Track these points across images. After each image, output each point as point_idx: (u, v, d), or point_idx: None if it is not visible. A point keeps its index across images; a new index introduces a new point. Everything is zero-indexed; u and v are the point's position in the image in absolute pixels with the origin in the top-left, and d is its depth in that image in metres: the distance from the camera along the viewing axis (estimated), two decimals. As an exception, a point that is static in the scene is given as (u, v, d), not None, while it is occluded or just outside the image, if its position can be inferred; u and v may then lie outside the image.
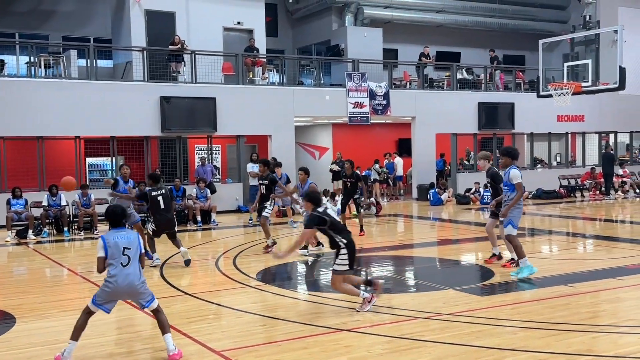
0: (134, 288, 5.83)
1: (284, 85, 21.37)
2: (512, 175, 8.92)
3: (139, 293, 5.91)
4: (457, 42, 28.75)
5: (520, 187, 8.88)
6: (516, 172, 8.94)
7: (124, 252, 5.78)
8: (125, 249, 5.78)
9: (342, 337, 6.42)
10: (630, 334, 6.36)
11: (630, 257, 10.73)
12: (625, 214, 18.76)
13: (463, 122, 23.70)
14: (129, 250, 5.79)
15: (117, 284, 5.77)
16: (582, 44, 18.88)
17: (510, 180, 8.93)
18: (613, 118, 26.36)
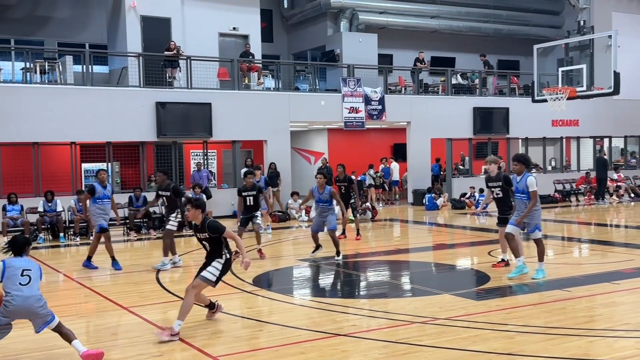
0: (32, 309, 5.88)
1: (280, 90, 21.41)
2: (529, 182, 8.97)
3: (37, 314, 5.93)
4: (451, 47, 28.85)
5: (535, 195, 8.95)
6: (533, 180, 9.00)
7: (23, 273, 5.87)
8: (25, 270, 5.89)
9: (339, 342, 6.42)
10: (625, 338, 6.38)
11: (626, 262, 10.77)
12: (620, 219, 18.82)
13: (458, 127, 23.77)
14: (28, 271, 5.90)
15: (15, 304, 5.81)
16: (576, 49, 18.97)
17: (527, 187, 8.97)
18: (607, 123, 26.47)
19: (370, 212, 18.93)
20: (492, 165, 10.06)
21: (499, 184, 9.95)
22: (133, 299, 8.75)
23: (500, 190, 9.95)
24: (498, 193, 10.02)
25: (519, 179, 9.15)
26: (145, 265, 11.65)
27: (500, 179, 9.96)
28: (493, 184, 10.06)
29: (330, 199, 11.39)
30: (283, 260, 12.23)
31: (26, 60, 18.17)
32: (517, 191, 9.20)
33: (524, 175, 9.07)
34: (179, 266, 11.24)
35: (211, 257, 7.12)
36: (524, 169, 9.17)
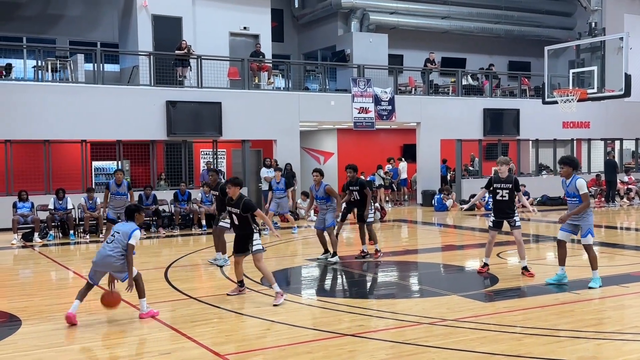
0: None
1: (290, 90, 21.43)
2: (579, 184, 8.63)
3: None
4: (462, 48, 28.79)
5: (587, 197, 8.63)
6: (582, 182, 8.68)
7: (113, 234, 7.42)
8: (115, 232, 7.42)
9: (346, 342, 6.43)
10: (634, 341, 6.35)
11: (635, 265, 10.72)
12: (630, 221, 18.71)
13: (468, 128, 23.71)
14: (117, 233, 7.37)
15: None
16: (587, 51, 18.88)
17: (578, 190, 8.65)
18: (618, 125, 26.33)
19: (379, 213, 18.91)
20: (503, 166, 9.80)
21: (509, 186, 9.69)
22: (142, 297, 8.77)
23: (508, 192, 9.70)
24: (504, 195, 9.71)
25: (568, 182, 8.79)
26: (154, 263, 11.70)
27: (510, 180, 9.72)
28: (501, 185, 9.76)
29: (326, 196, 11.32)
30: (291, 259, 12.25)
31: (38, 58, 18.29)
32: (568, 195, 8.83)
33: (573, 178, 8.74)
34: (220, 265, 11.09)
35: (242, 229, 8.30)
36: (571, 172, 8.79)
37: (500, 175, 9.80)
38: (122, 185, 13.37)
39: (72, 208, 15.84)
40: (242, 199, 8.23)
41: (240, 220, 8.28)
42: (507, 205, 9.74)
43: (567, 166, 8.83)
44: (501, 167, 9.81)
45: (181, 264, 11.64)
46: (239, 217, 8.24)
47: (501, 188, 9.72)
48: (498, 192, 9.74)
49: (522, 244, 9.78)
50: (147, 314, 7.44)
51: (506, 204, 9.73)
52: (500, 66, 28.34)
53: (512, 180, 9.69)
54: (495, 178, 9.88)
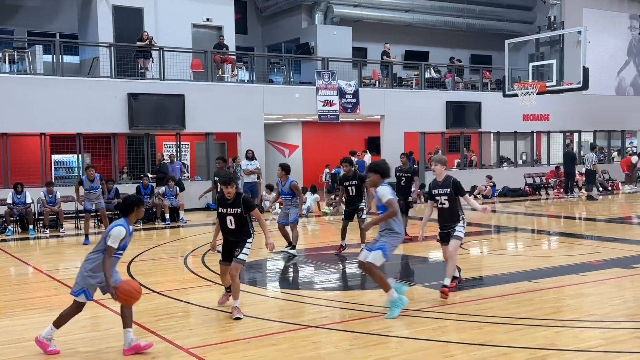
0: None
1: (254, 82, 21.34)
2: (381, 193, 7.13)
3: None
4: (425, 41, 29.04)
5: (392, 204, 7.06)
6: (385, 189, 7.17)
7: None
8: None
9: (310, 333, 6.46)
10: (591, 329, 6.52)
11: (593, 254, 10.99)
12: (589, 211, 19.16)
13: (431, 120, 23.95)
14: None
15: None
16: (547, 45, 19.22)
17: (380, 199, 7.14)
18: (577, 117, 26.90)
19: (344, 205, 18.97)
20: (437, 165, 8.02)
21: (446, 190, 7.90)
22: (104, 292, 8.67)
23: (447, 198, 7.91)
24: (444, 202, 7.93)
25: (374, 191, 7.39)
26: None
27: (448, 184, 7.94)
28: (439, 191, 7.97)
29: (291, 191, 11.32)
30: (256, 252, 12.21)
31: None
32: (378, 208, 7.33)
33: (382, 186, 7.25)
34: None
35: (238, 234, 7.19)
36: (379, 180, 7.28)
37: (436, 178, 8.10)
38: (96, 180, 13.69)
39: (31, 202, 15.53)
40: (241, 196, 7.20)
41: (238, 222, 7.17)
42: (450, 214, 7.92)
43: (374, 173, 7.31)
44: (435, 167, 8.08)
45: (144, 258, 11.52)
46: (238, 218, 7.16)
47: (439, 194, 7.98)
48: (437, 200, 8.01)
49: (454, 259, 7.93)
50: (130, 350, 5.91)
51: (449, 213, 7.92)
52: (463, 59, 28.65)
53: (450, 184, 7.91)
54: (433, 183, 8.13)
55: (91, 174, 13.65)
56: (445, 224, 8.09)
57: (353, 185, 11.27)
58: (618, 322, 6.72)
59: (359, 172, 11.63)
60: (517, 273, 9.41)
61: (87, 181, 13.62)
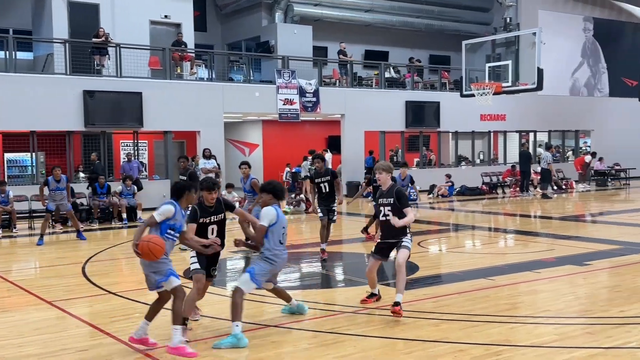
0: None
1: (213, 80, 21.16)
2: (261, 215, 6.48)
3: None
4: (385, 41, 29.23)
5: (258, 232, 6.42)
6: (266, 213, 6.43)
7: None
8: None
9: (269, 332, 6.45)
10: (545, 325, 6.66)
11: (547, 251, 11.23)
12: (544, 210, 19.57)
13: (391, 120, 24.14)
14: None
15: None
16: (503, 46, 19.59)
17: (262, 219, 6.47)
18: (532, 118, 27.46)
19: (304, 204, 19.00)
20: (382, 174, 7.13)
21: (390, 201, 7.02)
22: (57, 293, 8.49)
23: (390, 210, 7.02)
24: (387, 214, 7.04)
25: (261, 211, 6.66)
26: (72, 258, 11.33)
27: (391, 194, 7.04)
28: (383, 201, 7.11)
29: (252, 189, 11.26)
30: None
31: (-57, 44, 17.29)
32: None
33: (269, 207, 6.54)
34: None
35: (223, 242, 6.53)
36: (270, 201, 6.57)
37: (381, 187, 7.21)
38: (62, 181, 13.59)
39: (-18, 202, 15.09)
40: (220, 200, 6.56)
41: (221, 230, 6.59)
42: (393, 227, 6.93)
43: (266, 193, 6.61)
44: (379, 176, 7.17)
45: (100, 258, 11.33)
46: (221, 226, 6.60)
47: (383, 204, 7.11)
48: (381, 210, 7.16)
49: (404, 272, 6.92)
50: (175, 349, 5.72)
51: (391, 225, 6.95)
52: (422, 60, 28.94)
53: (394, 193, 7.03)
54: (379, 191, 7.32)
55: (57, 174, 13.50)
56: (388, 237, 7.10)
57: (325, 181, 10.75)
58: (570, 318, 6.88)
59: (331, 168, 11.17)
60: (474, 270, 9.56)
61: (53, 182, 13.47)
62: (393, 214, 6.95)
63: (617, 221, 15.36)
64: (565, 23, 29.18)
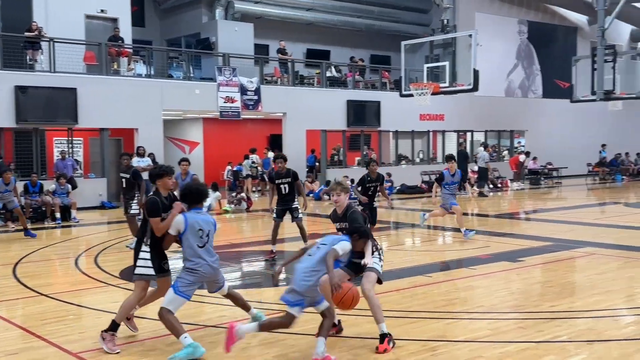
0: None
1: (152, 77, 20.76)
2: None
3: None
4: (326, 40, 29.33)
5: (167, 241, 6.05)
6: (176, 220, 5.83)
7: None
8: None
9: (207, 333, 6.37)
10: (480, 320, 6.82)
11: (482, 248, 11.51)
12: (480, 208, 20.05)
13: (333, 119, 24.26)
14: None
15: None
16: (441, 47, 19.98)
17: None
18: (470, 118, 28.11)
19: (245, 203, 18.88)
20: (341, 195, 6.26)
21: (345, 225, 6.15)
22: (-14, 296, 8.17)
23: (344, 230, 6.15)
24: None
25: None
26: (2, 259, 10.91)
27: (344, 218, 6.17)
28: (340, 225, 6.25)
29: None
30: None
31: None
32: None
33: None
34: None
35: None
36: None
37: (337, 210, 6.32)
38: (11, 183, 13.69)
39: None
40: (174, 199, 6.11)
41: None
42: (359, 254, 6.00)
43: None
44: (337, 198, 6.26)
45: (32, 259, 10.95)
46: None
47: (341, 229, 6.23)
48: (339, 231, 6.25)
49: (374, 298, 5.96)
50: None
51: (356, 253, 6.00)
52: (363, 59, 29.19)
53: (350, 218, 6.11)
54: (332, 214, 6.40)
55: (7, 177, 13.63)
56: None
57: (286, 183, 10.43)
58: (504, 313, 7.07)
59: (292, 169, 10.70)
60: (412, 268, 9.70)
61: (2, 184, 13.58)
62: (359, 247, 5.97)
63: (550, 219, 15.86)
64: (501, 26, 29.98)
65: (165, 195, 6.03)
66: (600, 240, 11.99)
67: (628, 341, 6.00)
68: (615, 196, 22.63)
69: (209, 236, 5.87)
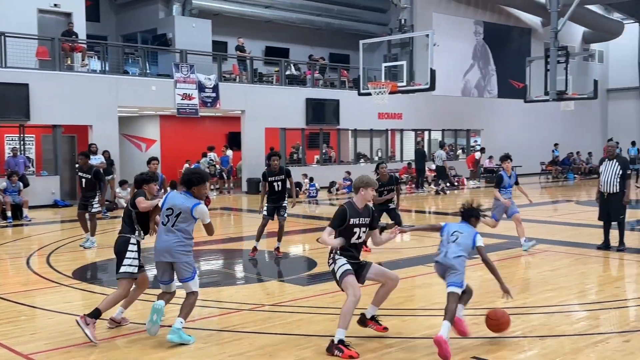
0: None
1: (107, 73, 20.37)
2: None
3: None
4: (285, 38, 29.22)
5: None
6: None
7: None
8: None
9: (162, 332, 6.26)
10: (437, 316, 6.86)
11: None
12: (437, 206, 20.32)
13: (292, 117, 24.22)
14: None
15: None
16: (399, 46, 20.13)
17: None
18: (427, 117, 28.43)
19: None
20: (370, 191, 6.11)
21: (367, 221, 6.13)
22: None
23: (365, 231, 6.18)
24: (361, 236, 6.14)
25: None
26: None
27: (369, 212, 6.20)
28: (359, 221, 6.07)
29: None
30: (107, 251, 11.67)
31: None
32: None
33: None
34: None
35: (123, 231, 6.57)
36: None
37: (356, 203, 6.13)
38: None
39: None
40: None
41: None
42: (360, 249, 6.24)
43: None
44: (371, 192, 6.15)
45: (-19, 259, 10.63)
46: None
47: (359, 225, 6.04)
48: (355, 232, 6.06)
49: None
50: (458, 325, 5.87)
51: (360, 248, 6.29)
52: (322, 58, 29.23)
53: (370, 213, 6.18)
54: (351, 210, 6.05)
55: None
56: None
57: (279, 180, 10.45)
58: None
59: (286, 168, 10.82)
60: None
61: None
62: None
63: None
64: (458, 26, 30.39)
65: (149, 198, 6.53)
66: (552, 238, 12.27)
67: (579, 336, 6.14)
68: (567, 194, 23.19)
69: (178, 217, 5.99)
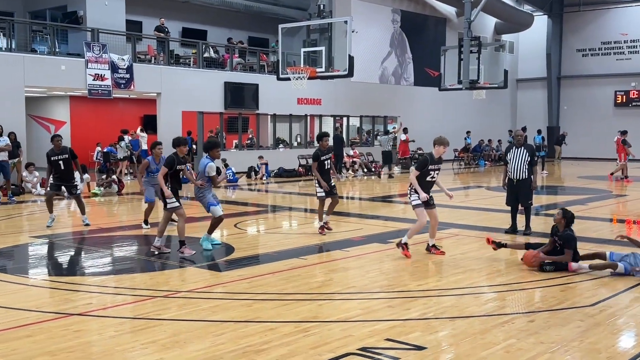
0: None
1: (13, 51, 19.34)
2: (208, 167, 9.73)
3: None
4: (203, 20, 28.66)
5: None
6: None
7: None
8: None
9: (71, 322, 6.07)
10: (351, 300, 7.01)
11: (356, 230, 11.83)
12: (354, 191, 20.60)
13: (209, 100, 23.85)
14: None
15: None
16: (318, 32, 20.11)
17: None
18: (346, 103, 28.69)
19: (116, 186, 18.16)
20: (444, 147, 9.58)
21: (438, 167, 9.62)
22: None
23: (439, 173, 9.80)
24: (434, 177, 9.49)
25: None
26: None
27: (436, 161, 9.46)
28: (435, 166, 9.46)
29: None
30: (16, 237, 11.17)
31: None
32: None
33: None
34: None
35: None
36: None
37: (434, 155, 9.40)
38: None
39: None
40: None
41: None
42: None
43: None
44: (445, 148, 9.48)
45: None
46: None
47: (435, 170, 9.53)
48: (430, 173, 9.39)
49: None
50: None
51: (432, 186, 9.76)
52: (241, 41, 28.86)
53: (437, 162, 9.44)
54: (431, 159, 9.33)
55: None
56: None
57: (329, 159, 11.45)
58: (374, 293, 7.31)
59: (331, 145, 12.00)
60: (288, 250, 9.79)
61: None
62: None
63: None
64: (376, 14, 30.74)
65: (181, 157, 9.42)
66: (463, 222, 12.70)
67: (488, 317, 6.40)
68: (478, 180, 24.07)
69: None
